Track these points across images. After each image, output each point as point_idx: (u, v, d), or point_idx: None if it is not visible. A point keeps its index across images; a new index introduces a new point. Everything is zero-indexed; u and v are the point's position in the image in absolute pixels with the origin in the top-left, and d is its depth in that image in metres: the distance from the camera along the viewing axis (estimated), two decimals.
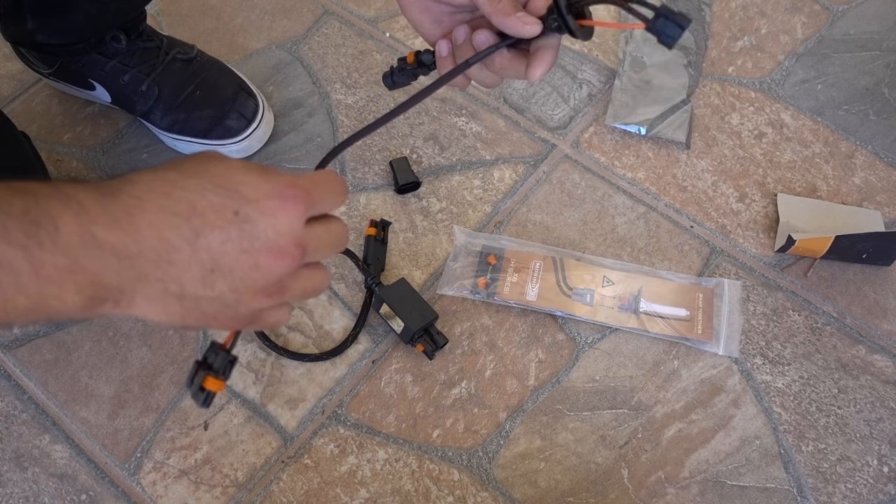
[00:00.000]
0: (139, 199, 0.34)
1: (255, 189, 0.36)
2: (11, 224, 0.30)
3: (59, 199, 0.32)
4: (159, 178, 0.35)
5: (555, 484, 0.72)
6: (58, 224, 0.31)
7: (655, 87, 0.93)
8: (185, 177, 0.35)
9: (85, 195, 0.33)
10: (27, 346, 0.78)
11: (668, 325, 0.78)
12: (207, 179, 0.36)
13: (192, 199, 0.35)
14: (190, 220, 0.35)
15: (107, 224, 0.32)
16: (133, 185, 0.34)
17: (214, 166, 0.37)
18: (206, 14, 1.02)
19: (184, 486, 0.72)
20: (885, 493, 0.71)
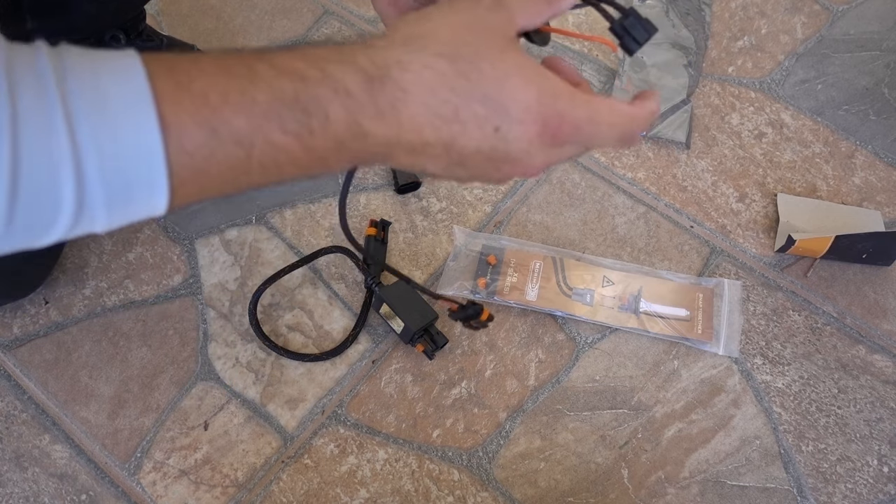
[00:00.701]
0: (404, 92, 0.34)
1: (524, 110, 0.35)
2: (285, 113, 0.32)
3: (328, 87, 0.32)
4: (429, 67, 0.34)
5: (555, 484, 0.72)
6: (328, 113, 0.33)
7: (655, 86, 0.93)
8: (456, 73, 0.34)
9: (352, 81, 0.33)
10: (27, 346, 0.78)
11: (668, 325, 0.78)
12: (479, 83, 0.35)
13: (457, 104, 0.34)
14: (450, 125, 0.35)
15: (372, 115, 0.34)
16: (402, 71, 0.34)
17: (491, 66, 0.35)
18: (206, 14, 1.02)
19: (184, 486, 0.72)
20: (885, 493, 0.71)
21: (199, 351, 0.78)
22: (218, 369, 0.77)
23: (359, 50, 0.34)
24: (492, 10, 0.36)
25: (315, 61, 0.33)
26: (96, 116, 0.29)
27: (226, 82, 0.31)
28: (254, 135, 0.32)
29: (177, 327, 0.79)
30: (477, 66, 0.35)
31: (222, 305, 0.80)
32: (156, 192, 0.31)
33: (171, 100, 0.30)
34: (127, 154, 0.29)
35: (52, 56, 0.30)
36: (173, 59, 0.31)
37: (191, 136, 0.30)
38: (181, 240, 0.84)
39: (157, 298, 0.80)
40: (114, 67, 0.30)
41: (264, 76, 0.32)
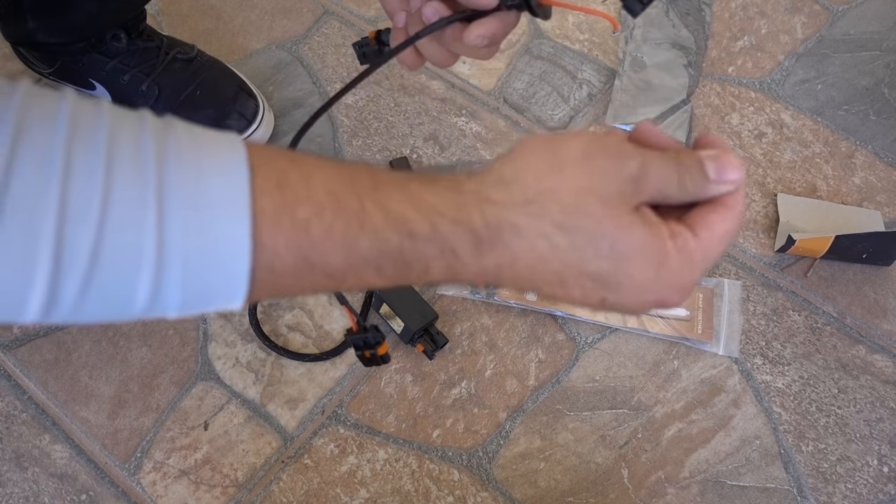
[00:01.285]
0: (513, 258, 0.33)
1: (638, 289, 0.34)
2: (385, 263, 0.31)
3: (435, 246, 0.32)
4: (545, 238, 0.32)
5: (555, 484, 0.72)
6: (429, 268, 0.32)
7: (655, 87, 0.93)
8: (572, 249, 0.33)
9: (461, 243, 0.32)
10: (27, 346, 0.78)
11: (668, 325, 0.78)
12: (594, 261, 0.33)
13: (566, 275, 0.33)
14: (553, 288, 0.34)
15: (474, 276, 0.33)
16: (515, 237, 0.32)
17: (611, 246, 0.33)
18: (206, 14, 1.02)
19: (184, 486, 0.72)
20: (885, 493, 0.71)
21: (199, 351, 0.78)
22: (218, 369, 0.77)
23: (474, 204, 0.32)
24: (630, 180, 0.34)
25: (428, 213, 0.32)
26: (190, 216, 0.28)
27: (332, 217, 0.30)
28: (347, 272, 0.31)
29: (177, 327, 0.79)
30: (595, 243, 0.33)
31: None
32: (232, 298, 0.30)
33: (272, 221, 0.29)
34: (212, 262, 0.28)
35: (157, 132, 0.29)
36: (284, 169, 0.30)
37: (282, 260, 0.29)
38: None
39: None
40: (220, 165, 0.29)
41: (373, 220, 0.31)
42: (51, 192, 0.26)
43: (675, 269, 0.34)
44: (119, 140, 0.28)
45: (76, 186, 0.26)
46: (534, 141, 0.34)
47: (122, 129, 0.28)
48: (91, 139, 0.27)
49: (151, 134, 0.29)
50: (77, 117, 0.28)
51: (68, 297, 0.27)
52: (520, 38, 0.99)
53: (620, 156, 0.34)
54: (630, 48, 0.96)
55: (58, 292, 0.27)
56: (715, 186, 0.35)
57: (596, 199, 0.33)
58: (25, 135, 0.26)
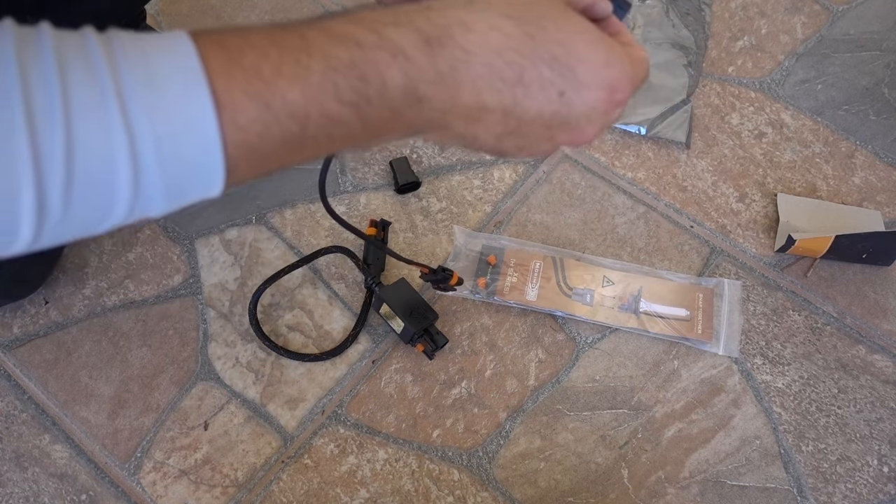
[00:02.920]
0: (466, 54, 0.32)
1: (591, 74, 0.34)
2: (341, 82, 0.31)
3: (385, 50, 0.31)
4: (496, 28, 0.33)
5: (555, 484, 0.72)
6: (385, 79, 0.31)
7: (655, 86, 0.93)
8: (523, 35, 0.33)
9: (410, 43, 0.31)
10: (27, 346, 0.78)
11: (668, 325, 0.78)
12: (546, 45, 0.33)
13: (523, 65, 0.33)
14: (513, 88, 0.34)
15: (430, 80, 0.32)
16: (465, 31, 0.32)
17: (557, 28, 0.34)
18: (206, 14, 1.01)
19: (184, 486, 0.72)
20: (885, 493, 0.71)
21: (199, 351, 0.78)
22: (218, 369, 0.77)
23: (416, 11, 0.32)
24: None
25: (370, 25, 0.32)
26: (149, 96, 0.28)
27: (278, 54, 0.30)
28: (309, 107, 0.30)
29: (177, 327, 0.79)
30: (543, 26, 0.33)
31: (222, 305, 0.80)
32: (212, 172, 0.30)
33: (223, 75, 0.29)
34: (182, 134, 0.28)
35: (100, 38, 0.29)
36: (222, 34, 0.31)
37: (244, 111, 0.29)
38: (181, 240, 0.84)
39: (157, 298, 0.80)
40: (163, 46, 0.29)
41: (318, 44, 0.31)
42: (14, 102, 0.26)
43: (622, 56, 0.36)
44: (66, 47, 0.28)
45: (36, 93, 0.27)
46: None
47: (66, 39, 0.29)
48: (39, 50, 0.28)
49: (94, 38, 0.29)
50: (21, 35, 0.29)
51: (55, 203, 0.27)
52: None
53: None
54: None
55: (45, 199, 0.27)
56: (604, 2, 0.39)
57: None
58: None
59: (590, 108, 0.35)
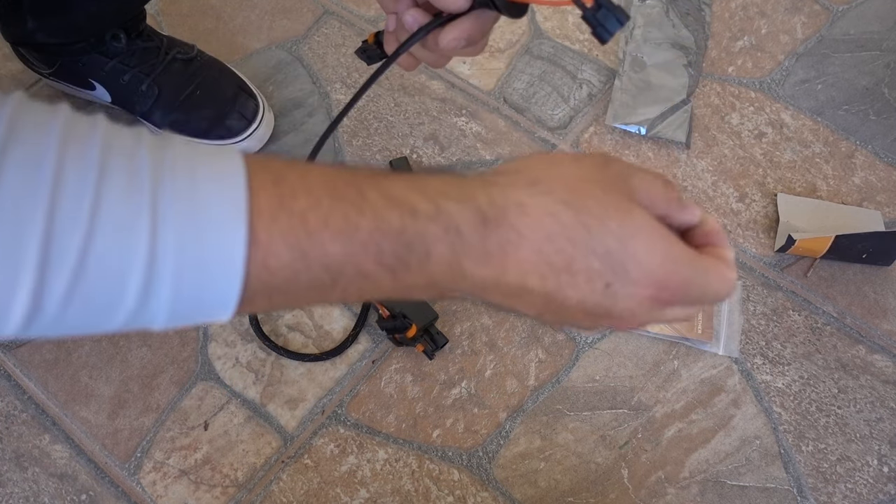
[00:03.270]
0: (519, 236, 0.32)
1: (643, 273, 0.33)
2: (385, 246, 0.30)
3: (439, 224, 0.31)
4: (552, 214, 0.32)
5: (555, 484, 0.72)
6: (430, 251, 0.31)
7: (655, 87, 0.93)
8: (579, 224, 0.32)
9: (465, 221, 0.31)
10: (27, 346, 0.78)
11: (668, 325, 0.78)
12: (601, 237, 0.32)
13: (573, 255, 0.32)
14: (559, 276, 0.33)
15: (477, 259, 0.32)
16: (521, 214, 0.32)
17: (618, 224, 0.33)
18: (206, 14, 1.02)
19: (184, 486, 0.72)
20: (885, 493, 0.71)
21: (199, 351, 0.78)
22: (218, 369, 0.77)
23: (479, 187, 0.32)
24: (619, 177, 0.35)
25: (431, 196, 0.31)
26: (185, 227, 0.27)
27: (330, 206, 0.29)
28: (345, 263, 0.30)
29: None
30: (602, 221, 0.32)
31: None
32: (224, 305, 0.29)
33: (268, 216, 0.28)
34: (206, 268, 0.28)
35: (152, 149, 0.28)
36: (281, 169, 0.29)
37: (278, 256, 0.28)
38: None
39: None
40: (216, 174, 0.28)
41: (374, 205, 0.30)
42: (39, 199, 0.25)
43: (682, 260, 0.34)
44: (113, 151, 0.27)
45: (66, 195, 0.26)
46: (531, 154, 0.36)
47: (117, 140, 0.28)
48: (84, 149, 0.27)
49: (147, 146, 0.28)
50: (70, 127, 0.27)
51: (52, 304, 0.26)
52: (520, 38, 0.99)
53: (605, 157, 0.35)
54: (630, 48, 0.96)
55: (41, 299, 0.26)
56: (688, 211, 0.37)
57: (598, 185, 0.33)
58: (16, 141, 0.26)
59: (635, 303, 0.34)
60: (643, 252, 0.33)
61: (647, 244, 0.33)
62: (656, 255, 0.33)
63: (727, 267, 0.36)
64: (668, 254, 0.34)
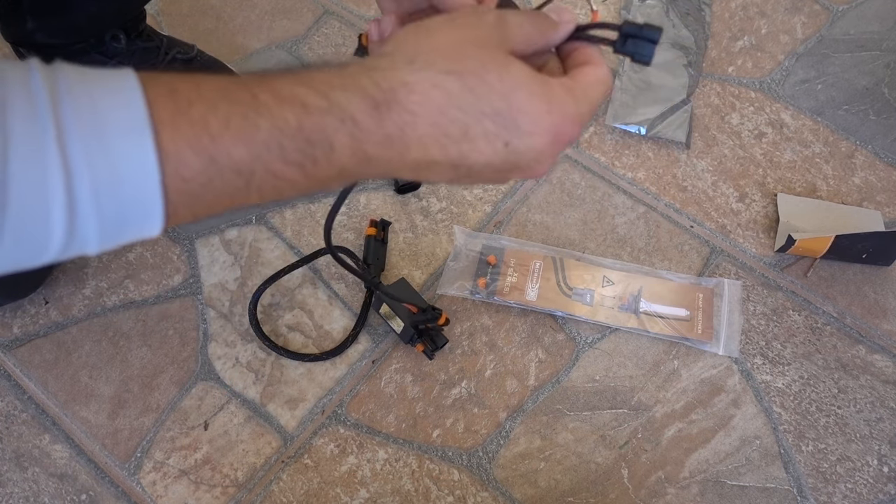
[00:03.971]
0: (412, 115, 0.33)
1: (534, 122, 0.35)
2: (287, 144, 0.31)
3: (333, 116, 0.32)
4: (438, 87, 0.33)
5: (555, 484, 0.72)
6: (332, 143, 0.32)
7: (655, 87, 0.93)
8: (465, 91, 0.34)
9: (358, 108, 0.32)
10: (27, 346, 0.78)
11: (668, 325, 0.78)
12: (488, 100, 0.34)
13: (467, 122, 0.34)
14: (459, 144, 0.35)
15: (379, 142, 0.33)
16: (409, 92, 0.33)
17: (499, 79, 0.34)
18: (206, 14, 1.02)
19: (184, 486, 0.72)
20: (885, 492, 0.71)
21: (199, 351, 0.78)
22: (218, 369, 0.77)
23: (362, 73, 0.33)
24: (494, 27, 0.36)
25: (318, 87, 0.32)
26: (91, 141, 0.28)
27: (227, 108, 0.30)
28: (254, 164, 0.31)
29: (177, 327, 0.79)
30: (484, 79, 0.34)
31: (222, 305, 0.80)
32: (150, 218, 0.30)
33: (170, 126, 0.29)
34: (121, 181, 0.29)
35: (46, 75, 0.29)
36: (173, 81, 0.31)
37: (188, 163, 0.30)
38: (181, 240, 0.84)
39: (157, 298, 0.80)
40: (111, 89, 0.29)
41: (267, 104, 0.31)
42: None
43: (562, 100, 0.36)
44: (7, 82, 0.28)
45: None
46: (402, 30, 0.36)
47: (9, 73, 0.29)
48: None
49: (40, 74, 0.29)
50: None
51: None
52: None
53: (478, 12, 0.36)
54: None
55: None
56: (563, 27, 0.39)
57: (472, 44, 0.35)
58: None
59: (537, 152, 0.36)
60: (527, 103, 0.35)
61: (529, 95, 0.35)
62: (541, 103, 0.35)
63: (597, 68, 0.39)
64: (550, 99, 0.36)
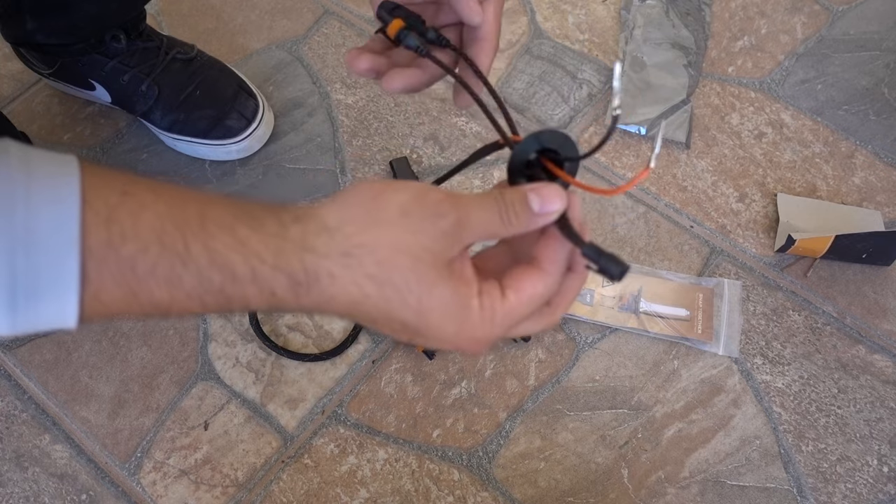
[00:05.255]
0: (330, 299, 0.35)
1: (439, 339, 0.37)
2: (208, 298, 0.34)
3: (256, 287, 0.34)
4: (358, 286, 0.35)
5: (555, 484, 0.72)
6: (249, 303, 0.35)
7: (655, 87, 0.93)
8: (382, 299, 0.35)
9: (280, 286, 0.34)
10: (27, 346, 0.78)
11: (668, 325, 0.78)
12: (400, 313, 0.36)
13: (376, 319, 0.36)
14: (366, 323, 0.38)
15: (293, 309, 0.36)
16: (331, 283, 0.35)
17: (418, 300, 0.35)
18: (206, 14, 1.02)
19: (184, 486, 0.72)
20: (884, 493, 0.71)
21: (199, 351, 0.78)
22: (218, 369, 0.77)
23: (295, 252, 0.34)
24: (445, 236, 0.36)
25: (250, 260, 0.34)
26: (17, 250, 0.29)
27: (157, 254, 0.32)
28: (172, 305, 0.33)
29: (177, 327, 0.79)
30: (403, 297, 0.35)
31: None
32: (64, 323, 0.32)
33: (98, 258, 0.31)
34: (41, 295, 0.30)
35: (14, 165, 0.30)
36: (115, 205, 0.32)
37: (109, 293, 0.32)
38: None
39: None
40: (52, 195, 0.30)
41: (197, 261, 0.33)
42: None
43: (475, 326, 0.37)
44: None
45: None
46: (359, 191, 0.36)
47: None
48: None
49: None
50: None
51: None
52: (520, 38, 0.99)
53: (436, 214, 0.36)
54: (630, 48, 0.96)
55: None
56: (541, 218, 0.37)
57: (408, 256, 0.35)
58: None
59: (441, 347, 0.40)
60: (437, 324, 0.36)
61: (441, 317, 0.36)
62: (451, 325, 0.36)
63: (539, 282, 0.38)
64: (462, 323, 0.37)
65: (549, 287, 0.38)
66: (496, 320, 0.37)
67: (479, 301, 0.37)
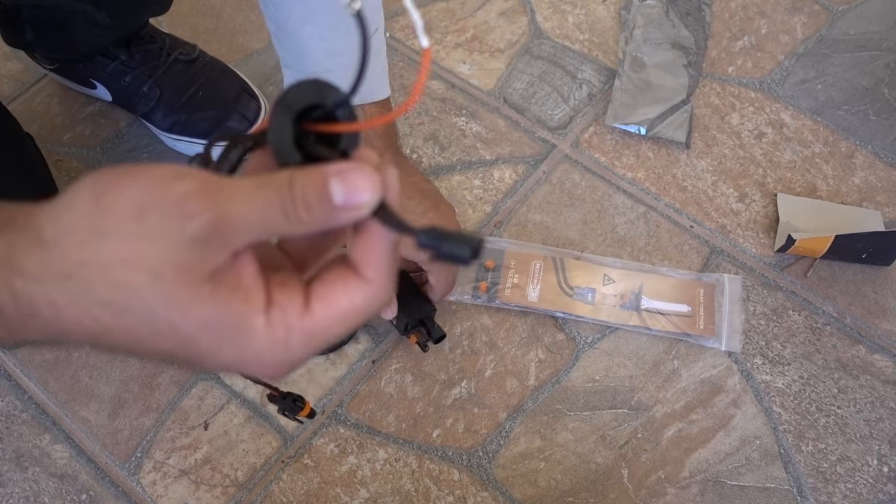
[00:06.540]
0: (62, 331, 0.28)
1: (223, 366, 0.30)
2: None
3: None
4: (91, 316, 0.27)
5: (555, 484, 0.72)
6: None
7: (655, 87, 0.93)
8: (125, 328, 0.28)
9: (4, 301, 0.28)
10: (27, 346, 0.78)
11: (670, 322, 0.78)
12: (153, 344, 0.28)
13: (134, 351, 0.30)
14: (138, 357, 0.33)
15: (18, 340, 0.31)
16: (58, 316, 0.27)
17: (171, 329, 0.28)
18: (207, 14, 1.02)
19: (184, 486, 0.72)
20: (884, 492, 0.71)
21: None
22: None
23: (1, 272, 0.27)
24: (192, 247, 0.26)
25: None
26: None
27: None
28: None
29: None
30: (151, 326, 0.27)
31: None
32: None
33: None
34: None
35: None
36: None
37: None
38: None
39: None
40: None
41: None
42: None
43: (261, 349, 0.29)
44: None
45: None
46: (82, 189, 0.27)
47: None
48: None
49: None
50: None
51: None
52: (520, 38, 0.99)
53: (182, 214, 0.26)
54: (630, 48, 0.96)
55: None
56: (346, 213, 0.27)
57: (145, 273, 0.26)
58: None
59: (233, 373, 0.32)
60: (209, 354, 0.29)
61: (213, 345, 0.28)
62: (231, 351, 0.29)
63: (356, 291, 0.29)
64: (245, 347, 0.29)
65: (372, 298, 0.29)
66: (293, 340, 0.28)
67: (265, 318, 0.28)
